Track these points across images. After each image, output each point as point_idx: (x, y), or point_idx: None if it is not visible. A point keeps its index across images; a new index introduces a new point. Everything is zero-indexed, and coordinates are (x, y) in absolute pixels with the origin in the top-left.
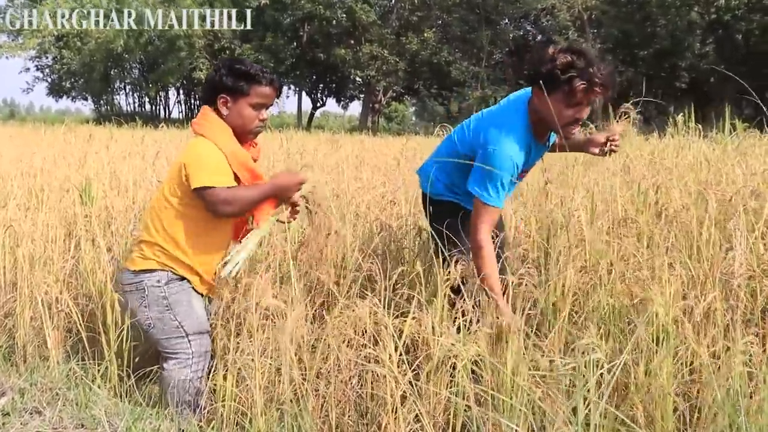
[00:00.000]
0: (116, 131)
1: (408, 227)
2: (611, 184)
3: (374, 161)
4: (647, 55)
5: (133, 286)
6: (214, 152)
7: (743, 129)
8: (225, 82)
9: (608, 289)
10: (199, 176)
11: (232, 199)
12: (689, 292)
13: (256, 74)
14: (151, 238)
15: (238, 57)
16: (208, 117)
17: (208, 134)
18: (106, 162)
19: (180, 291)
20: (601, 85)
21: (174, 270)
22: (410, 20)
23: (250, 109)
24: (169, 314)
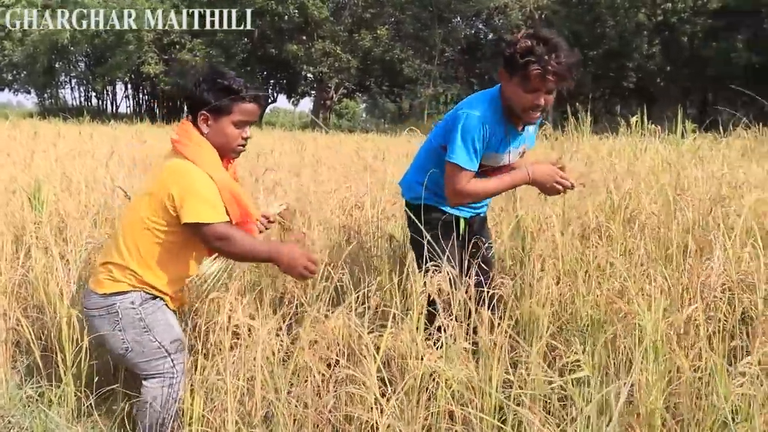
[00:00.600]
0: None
1: (376, 233)
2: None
3: (331, 161)
4: (596, 56)
5: (103, 310)
6: (207, 183)
7: (692, 130)
8: (206, 98)
9: (587, 300)
10: (194, 210)
11: (227, 236)
12: (670, 303)
13: (239, 90)
14: (122, 262)
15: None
16: (192, 137)
17: (195, 158)
18: (54, 160)
19: (156, 310)
20: (554, 74)
21: (146, 290)
22: (363, 17)
23: (232, 128)
24: (147, 336)
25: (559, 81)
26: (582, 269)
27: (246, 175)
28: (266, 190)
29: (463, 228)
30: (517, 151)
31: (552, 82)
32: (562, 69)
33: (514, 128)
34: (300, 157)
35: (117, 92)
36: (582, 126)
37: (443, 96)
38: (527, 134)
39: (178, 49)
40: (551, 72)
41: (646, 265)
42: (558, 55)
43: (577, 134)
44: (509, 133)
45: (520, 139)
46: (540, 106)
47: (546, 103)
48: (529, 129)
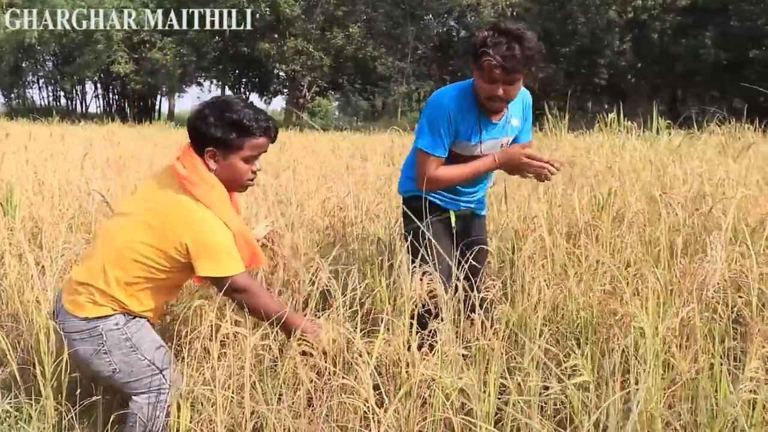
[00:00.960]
0: (33, 128)
1: (361, 234)
2: (563, 187)
3: (308, 161)
4: (568, 53)
5: (84, 333)
6: (224, 232)
7: (665, 127)
8: (213, 134)
9: (580, 302)
10: (212, 264)
11: (247, 289)
12: (665, 304)
13: (250, 126)
14: (106, 289)
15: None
16: (203, 175)
17: (208, 201)
18: (26, 162)
19: (140, 328)
20: (501, 66)
21: (129, 312)
22: (335, 15)
23: (242, 163)
24: (135, 355)
25: (507, 73)
26: (573, 270)
27: None
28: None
29: (454, 222)
30: (496, 142)
31: (499, 74)
32: (510, 61)
33: (486, 118)
34: (277, 157)
35: (86, 92)
36: (560, 123)
37: (416, 93)
38: (510, 126)
39: (148, 47)
40: (499, 64)
41: (638, 265)
42: (511, 47)
43: (556, 131)
44: (481, 122)
45: (497, 130)
46: (497, 96)
47: (506, 94)
48: (513, 122)
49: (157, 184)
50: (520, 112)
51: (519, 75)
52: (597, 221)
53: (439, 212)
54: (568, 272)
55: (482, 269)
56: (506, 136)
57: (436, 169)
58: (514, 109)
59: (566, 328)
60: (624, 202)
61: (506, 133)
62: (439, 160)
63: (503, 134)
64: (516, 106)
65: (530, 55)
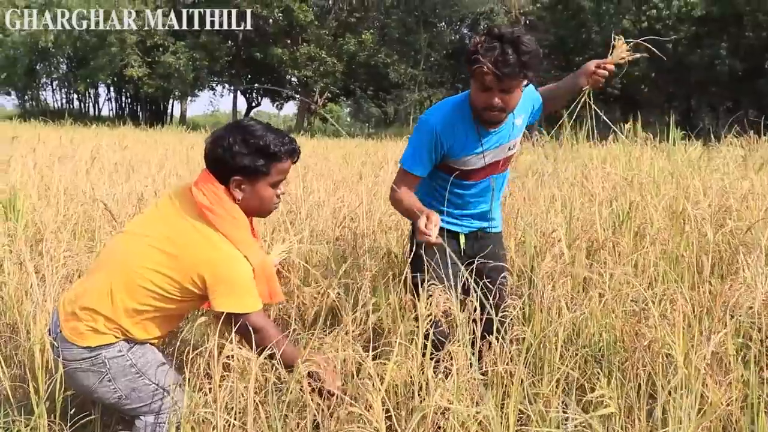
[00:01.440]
0: (43, 131)
1: (373, 246)
2: (581, 201)
3: (318, 167)
4: (581, 61)
5: (86, 362)
6: (245, 268)
7: (681, 138)
8: (240, 162)
9: (603, 324)
10: (230, 300)
11: (263, 329)
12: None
13: (277, 151)
14: (111, 315)
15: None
16: (226, 206)
17: (230, 234)
18: (33, 167)
19: (145, 352)
20: (493, 73)
21: (132, 339)
22: (348, 21)
23: (269, 189)
24: (142, 380)
25: (500, 80)
26: (595, 289)
27: None
28: None
29: (463, 243)
30: (502, 148)
31: (492, 80)
32: (504, 67)
33: (485, 129)
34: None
35: (100, 95)
36: (578, 133)
37: (428, 101)
38: (515, 127)
39: (161, 51)
40: (491, 71)
41: (665, 285)
42: (505, 52)
43: (572, 141)
44: (481, 134)
45: (501, 136)
46: (493, 105)
47: (504, 103)
48: (517, 121)
49: (174, 207)
50: (523, 109)
51: (514, 82)
52: (618, 236)
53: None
54: (589, 291)
55: (500, 288)
56: (512, 139)
57: (404, 188)
58: (519, 107)
59: (588, 351)
60: (646, 216)
61: (512, 136)
62: (414, 179)
63: (508, 138)
64: (523, 102)
65: (525, 61)
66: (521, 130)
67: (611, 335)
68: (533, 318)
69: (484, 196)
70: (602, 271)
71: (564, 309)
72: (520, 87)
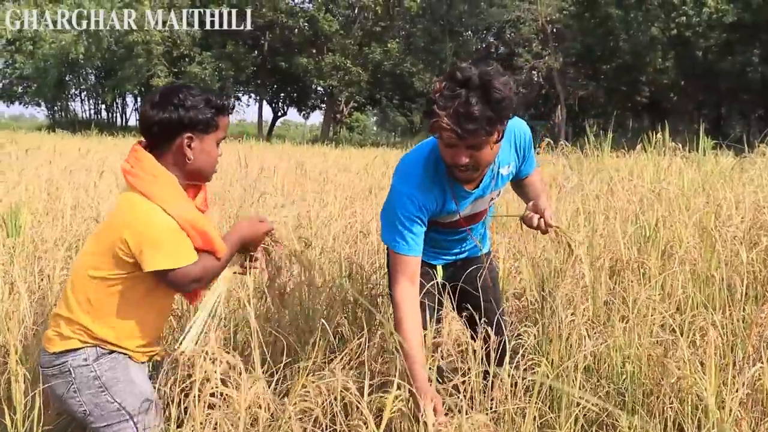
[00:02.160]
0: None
1: (383, 265)
2: (604, 215)
3: (339, 178)
4: (609, 70)
5: (55, 369)
6: (166, 221)
7: (712, 147)
8: (195, 116)
9: (626, 353)
10: (158, 258)
11: (203, 274)
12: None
13: (225, 104)
14: (70, 315)
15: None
16: (146, 166)
17: (150, 192)
18: (45, 180)
19: (114, 366)
20: (452, 130)
21: (102, 346)
22: (373, 30)
23: (215, 147)
24: (105, 396)
25: (459, 138)
26: (618, 314)
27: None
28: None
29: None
30: (483, 201)
31: (450, 137)
32: (466, 122)
33: (461, 187)
34: (307, 176)
35: (127, 105)
36: (602, 143)
37: None
38: (499, 177)
39: (187, 62)
40: (449, 126)
41: (694, 310)
42: (468, 102)
43: (596, 152)
44: (457, 193)
45: (482, 188)
46: (460, 165)
47: (475, 161)
48: (503, 171)
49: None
50: (511, 154)
51: (480, 139)
52: (644, 255)
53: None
54: (611, 317)
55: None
56: (495, 190)
57: (404, 277)
58: (503, 155)
59: (609, 383)
60: (674, 233)
61: (494, 187)
62: (410, 260)
63: (489, 191)
64: (504, 148)
65: (494, 114)
66: (508, 178)
67: (635, 366)
68: (550, 347)
69: (463, 241)
70: (626, 294)
71: (584, 337)
72: (493, 141)
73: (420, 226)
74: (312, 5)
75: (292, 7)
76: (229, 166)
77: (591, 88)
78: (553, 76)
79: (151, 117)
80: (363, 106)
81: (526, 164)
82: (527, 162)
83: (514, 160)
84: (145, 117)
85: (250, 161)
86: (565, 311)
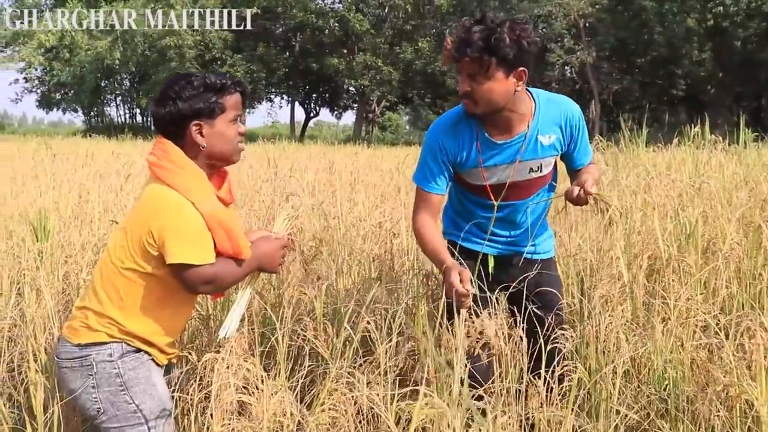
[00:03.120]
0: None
1: (413, 267)
2: (642, 211)
3: (369, 178)
4: (643, 63)
5: (76, 361)
6: (193, 217)
7: (753, 139)
8: (195, 105)
9: (668, 358)
10: (178, 250)
11: (214, 279)
12: None
13: (225, 83)
14: (100, 308)
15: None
16: (173, 156)
17: (178, 184)
18: (78, 185)
19: (138, 366)
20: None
21: (129, 342)
22: (404, 29)
23: (231, 126)
24: (124, 396)
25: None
26: (658, 315)
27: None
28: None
29: (492, 268)
30: (518, 167)
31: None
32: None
33: (487, 137)
34: (338, 176)
35: None
36: (637, 137)
37: None
38: (540, 146)
39: (219, 64)
40: (449, 45)
41: (740, 311)
42: (471, 30)
43: (631, 145)
44: (482, 144)
45: (509, 152)
46: (461, 92)
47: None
48: (542, 139)
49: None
50: (554, 126)
51: (472, 63)
52: (684, 253)
53: (474, 258)
54: (651, 319)
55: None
56: (535, 159)
57: (426, 211)
58: (543, 123)
59: (650, 389)
60: (716, 230)
61: (530, 155)
62: (432, 197)
63: (522, 156)
64: (546, 118)
65: (493, 44)
66: (551, 150)
67: (678, 371)
68: (587, 351)
69: (512, 221)
70: (666, 294)
71: (623, 340)
72: (496, 78)
73: (441, 166)
74: (342, 5)
75: (322, 7)
76: (260, 166)
77: (625, 83)
78: (587, 71)
79: (156, 114)
80: (395, 105)
81: (579, 151)
82: (580, 148)
83: (557, 134)
84: (153, 115)
85: (281, 162)
86: (603, 313)
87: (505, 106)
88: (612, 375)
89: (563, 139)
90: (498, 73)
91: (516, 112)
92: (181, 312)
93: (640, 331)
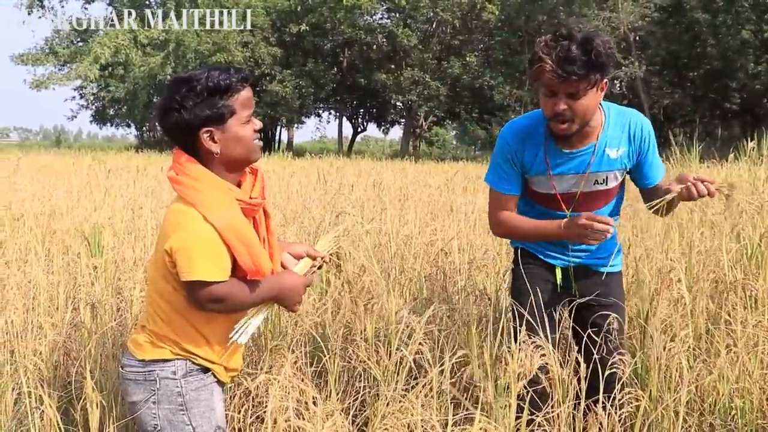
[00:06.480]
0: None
1: (467, 286)
2: (701, 230)
3: (419, 194)
4: (696, 77)
5: (140, 375)
6: (205, 232)
7: None
8: (201, 113)
9: (735, 386)
10: (186, 267)
11: (225, 298)
12: None
13: (230, 83)
14: (157, 329)
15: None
16: (188, 170)
17: (195, 199)
18: (129, 199)
19: (200, 387)
20: (554, 71)
21: (193, 359)
22: (452, 44)
23: (245, 127)
24: (182, 416)
25: (562, 79)
26: (722, 342)
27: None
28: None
29: (559, 278)
30: (585, 179)
31: (553, 80)
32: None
33: (556, 147)
34: (387, 191)
35: None
36: (689, 152)
37: None
38: (606, 158)
39: (268, 80)
40: (552, 68)
41: None
42: (569, 49)
43: (683, 160)
44: (549, 153)
45: (577, 162)
46: (558, 113)
47: (572, 111)
48: (610, 153)
49: None
50: (623, 139)
51: (581, 84)
52: (749, 276)
53: (542, 268)
54: (715, 344)
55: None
56: (603, 171)
57: (502, 210)
58: (611, 136)
59: (716, 419)
60: None
61: (598, 167)
62: (505, 197)
63: (591, 168)
64: (615, 131)
65: (593, 60)
66: (618, 164)
67: (745, 401)
68: (648, 378)
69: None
70: (731, 319)
71: (685, 368)
72: (591, 93)
73: (511, 167)
74: (390, 21)
75: (370, 23)
76: (310, 182)
77: (677, 97)
78: (636, 85)
79: (162, 128)
80: (442, 120)
81: (650, 166)
82: (652, 163)
83: (625, 147)
84: (163, 126)
85: (330, 177)
86: (664, 338)
87: None
88: (675, 403)
89: (631, 153)
90: (592, 89)
91: (589, 125)
92: (228, 326)
93: (704, 357)
